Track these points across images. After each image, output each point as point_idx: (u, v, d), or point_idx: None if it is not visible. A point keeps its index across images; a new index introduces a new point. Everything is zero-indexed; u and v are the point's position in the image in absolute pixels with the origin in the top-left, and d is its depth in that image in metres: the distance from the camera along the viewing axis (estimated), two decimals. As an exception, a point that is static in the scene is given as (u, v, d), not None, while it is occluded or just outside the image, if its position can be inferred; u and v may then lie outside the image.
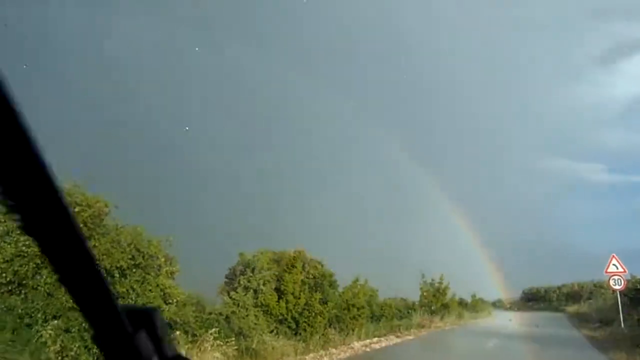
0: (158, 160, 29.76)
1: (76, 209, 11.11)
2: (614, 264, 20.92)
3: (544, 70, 51.37)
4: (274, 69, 37.20)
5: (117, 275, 11.55)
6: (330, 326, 19.74)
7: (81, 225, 4.40)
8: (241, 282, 18.42)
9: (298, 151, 41.76)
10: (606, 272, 21.18)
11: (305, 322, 18.54)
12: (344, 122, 42.30)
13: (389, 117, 42.88)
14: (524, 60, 49.54)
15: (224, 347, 13.35)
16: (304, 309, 18.76)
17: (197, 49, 32.47)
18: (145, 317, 0.82)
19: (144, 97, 31.55)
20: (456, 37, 45.85)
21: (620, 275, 20.91)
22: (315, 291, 19.85)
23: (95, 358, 10.21)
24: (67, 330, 10.28)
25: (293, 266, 19.54)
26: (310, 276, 20.65)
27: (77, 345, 9.97)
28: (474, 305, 45.92)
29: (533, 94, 54.19)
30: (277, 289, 18.84)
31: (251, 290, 18.12)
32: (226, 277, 20.36)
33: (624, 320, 19.97)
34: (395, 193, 45.49)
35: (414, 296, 32.67)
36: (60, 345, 9.73)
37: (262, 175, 36.77)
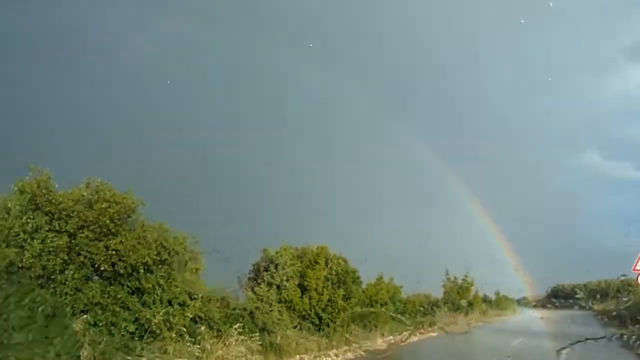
0: (184, 158, 30.13)
1: (104, 205, 11.31)
2: (644, 263, 20.38)
3: (572, 64, 50.14)
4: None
5: (143, 271, 11.71)
6: (353, 322, 19.71)
7: (108, 221, 4.48)
8: (265, 278, 18.52)
9: (323, 147, 41.73)
10: (634, 269, 20.63)
11: (328, 318, 18.56)
12: (366, 120, 42.04)
13: (413, 117, 42.49)
14: (553, 53, 48.37)
15: (248, 342, 13.44)
16: (327, 305, 18.76)
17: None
18: None
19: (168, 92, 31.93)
20: (481, 32, 45.10)
21: (650, 274, 20.37)
22: (339, 287, 19.83)
23: (123, 350, 10.40)
24: (94, 324, 10.49)
25: (316, 262, 19.55)
26: (334, 272, 20.61)
27: (104, 340, 10.17)
28: (498, 303, 45.36)
29: (562, 89, 53.00)
30: (300, 285, 18.88)
31: (274, 286, 18.20)
32: (249, 273, 20.48)
33: (654, 318, 19.47)
34: (420, 191, 45.06)
35: (439, 293, 32.45)
36: (90, 338, 9.93)
37: (287, 171, 36.88)
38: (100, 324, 10.59)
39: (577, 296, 54.35)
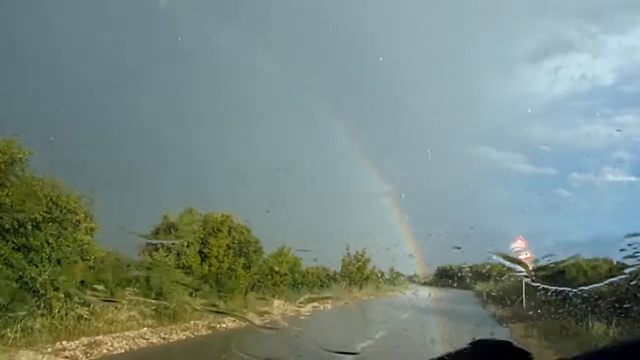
0: (82, 112, 28.10)
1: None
2: (519, 242, 22.46)
3: (478, 65, 53.17)
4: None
5: (30, 228, 11.00)
6: (251, 290, 19.91)
7: (-8, 169, 4.10)
8: (163, 244, 18.11)
9: (234, 108, 40.96)
10: (513, 249, 22.66)
11: (226, 285, 18.59)
12: (273, 87, 41.73)
13: (325, 96, 42.90)
14: (461, 54, 50.91)
15: (142, 306, 13.17)
16: (227, 272, 18.79)
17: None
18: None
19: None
20: (395, 32, 46.37)
21: (527, 260, 22.48)
22: (240, 256, 19.90)
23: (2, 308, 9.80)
24: None
25: (219, 230, 19.44)
26: (236, 241, 20.61)
27: None
28: (393, 279, 47.90)
29: (467, 86, 56.10)
30: (201, 252, 18.70)
31: (174, 252, 17.87)
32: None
33: (527, 300, 21.68)
34: (327, 167, 45.92)
35: (337, 267, 33.56)
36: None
37: (190, 131, 35.78)
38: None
39: (462, 276, 58.95)
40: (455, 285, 56.17)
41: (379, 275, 41.09)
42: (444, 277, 64.80)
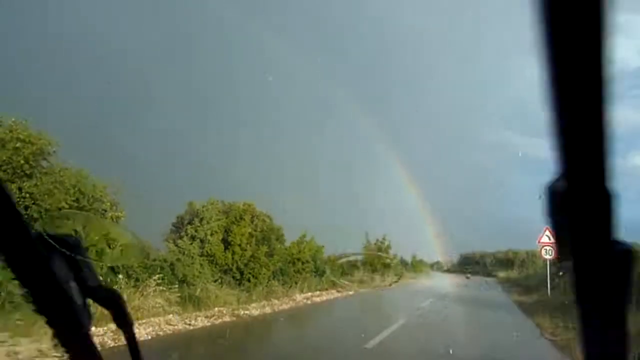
0: (110, 105, 28.58)
1: (17, 145, 10.69)
2: (546, 235, 22.06)
3: (498, 48, 52.25)
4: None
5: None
6: (274, 278, 20.13)
7: (22, 162, 4.35)
8: (188, 232, 18.40)
9: (255, 103, 41.14)
10: (539, 242, 22.35)
11: (250, 273, 18.83)
12: (302, 83, 41.82)
13: (346, 84, 42.73)
14: (482, 36, 50.08)
15: (167, 293, 13.43)
16: (250, 260, 19.01)
17: None
18: (63, 243, 0.80)
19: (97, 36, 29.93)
20: (417, 15, 45.78)
21: (551, 246, 22.14)
22: (262, 244, 20.10)
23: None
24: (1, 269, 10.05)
25: (242, 218, 19.66)
26: (259, 229, 20.82)
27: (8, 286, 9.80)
28: (414, 266, 47.80)
29: (487, 69, 55.22)
30: (224, 240, 18.95)
31: (198, 240, 18.15)
32: (173, 226, 20.26)
33: (551, 288, 21.33)
34: (347, 155, 45.91)
35: (359, 255, 33.60)
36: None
37: (215, 126, 36.15)
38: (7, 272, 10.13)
39: (484, 263, 58.45)
40: (477, 271, 55.91)
41: (400, 262, 41.10)
42: (467, 264, 64.53)
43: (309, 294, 21.23)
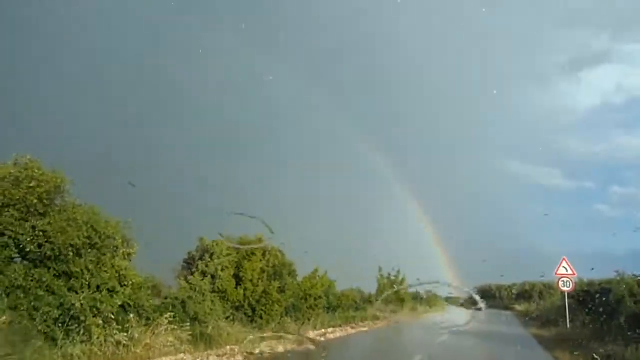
0: (120, 144, 28.96)
1: (32, 184, 10.75)
2: (564, 267, 21.65)
3: (510, 76, 52.56)
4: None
5: (72, 254, 11.23)
6: (286, 315, 19.80)
7: (36, 200, 4.29)
8: (199, 267, 18.25)
9: (263, 137, 41.50)
10: (556, 273, 21.89)
11: (262, 310, 18.55)
12: (307, 114, 42.24)
13: (352, 108, 43.11)
14: (491, 65, 50.48)
15: (178, 331, 13.24)
16: (262, 296, 18.75)
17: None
18: None
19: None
20: (428, 41, 46.36)
21: (569, 278, 21.68)
22: (274, 280, 19.86)
23: (44, 335, 9.98)
24: (14, 308, 9.97)
25: (253, 254, 19.48)
26: (270, 264, 20.62)
27: (24, 323, 9.71)
28: (428, 300, 46.95)
29: (498, 98, 55.48)
30: (235, 276, 18.75)
31: (209, 276, 17.97)
32: (184, 262, 20.12)
33: (570, 321, 20.75)
34: (357, 188, 45.79)
35: (372, 288, 33.21)
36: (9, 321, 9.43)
37: (225, 161, 36.41)
38: (22, 308, 10.05)
39: (500, 295, 57.30)
40: (493, 305, 54.74)
41: (414, 296, 40.40)
42: (483, 297, 63.13)
43: (322, 330, 20.83)
